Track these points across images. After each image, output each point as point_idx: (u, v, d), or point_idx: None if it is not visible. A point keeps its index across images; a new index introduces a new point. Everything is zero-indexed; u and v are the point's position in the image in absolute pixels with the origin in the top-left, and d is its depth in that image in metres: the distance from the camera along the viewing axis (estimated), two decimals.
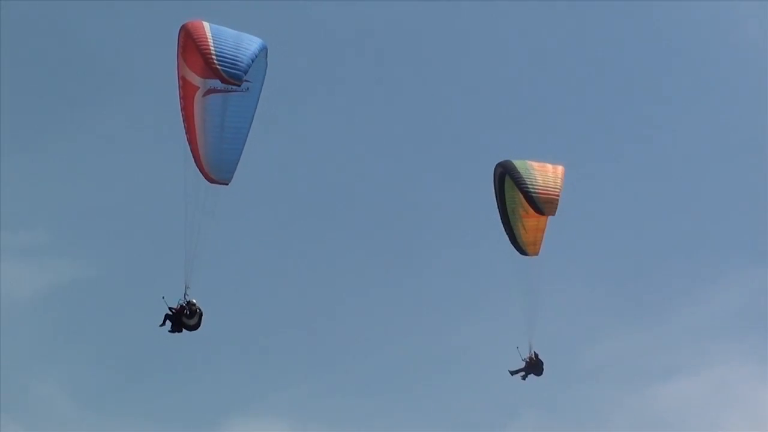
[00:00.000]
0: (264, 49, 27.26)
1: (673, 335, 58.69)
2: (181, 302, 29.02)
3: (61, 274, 54.13)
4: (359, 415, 52.10)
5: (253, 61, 26.63)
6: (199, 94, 27.18)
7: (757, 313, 56.96)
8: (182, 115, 27.48)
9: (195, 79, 27.15)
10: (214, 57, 26.27)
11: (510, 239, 35.11)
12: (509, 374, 35.14)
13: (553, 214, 33.64)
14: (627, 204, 66.87)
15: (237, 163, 27.78)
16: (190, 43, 26.87)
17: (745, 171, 65.47)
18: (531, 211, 33.88)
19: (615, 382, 57.00)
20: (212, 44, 26.51)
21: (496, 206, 35.25)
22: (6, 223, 54.12)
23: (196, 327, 29.19)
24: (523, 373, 35.04)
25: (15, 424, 46.09)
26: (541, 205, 33.29)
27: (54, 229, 56.82)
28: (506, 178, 34.44)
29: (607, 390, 56.51)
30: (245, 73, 26.43)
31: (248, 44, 26.90)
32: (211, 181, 27.81)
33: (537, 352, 34.83)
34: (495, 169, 34.91)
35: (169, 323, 29.08)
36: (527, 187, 33.43)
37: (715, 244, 64.42)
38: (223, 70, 26.18)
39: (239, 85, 26.50)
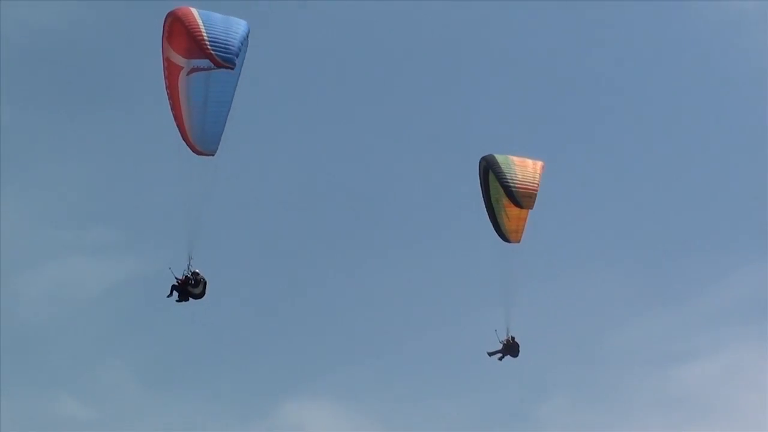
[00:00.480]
0: (248, 31, 28.95)
1: (693, 320, 61.89)
2: (185, 273, 30.55)
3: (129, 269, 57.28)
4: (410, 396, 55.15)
5: (242, 44, 28.40)
6: (183, 74, 29.03)
7: None
8: (168, 93, 29.32)
9: (179, 60, 29.04)
10: (207, 42, 27.92)
11: (494, 227, 36.90)
12: (487, 355, 36.89)
13: (531, 208, 35.50)
14: (650, 195, 70.23)
15: (221, 135, 29.54)
16: (177, 28, 28.70)
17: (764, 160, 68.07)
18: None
19: (637, 365, 60.12)
20: (203, 30, 28.16)
21: (482, 196, 37.16)
22: (78, 221, 56.41)
23: (201, 295, 30.67)
24: (500, 355, 36.79)
25: (88, 408, 50.36)
26: (520, 199, 35.30)
27: (125, 226, 59.40)
28: (489, 171, 36.29)
29: (629, 372, 59.63)
30: (237, 56, 28.15)
31: (236, 28, 28.59)
32: (198, 153, 29.61)
33: (514, 335, 36.57)
34: (480, 162, 36.81)
35: (175, 293, 30.61)
36: (507, 182, 35.45)
37: (733, 233, 67.54)
38: (216, 54, 27.82)
39: (232, 68, 28.17)
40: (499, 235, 36.89)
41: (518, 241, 36.48)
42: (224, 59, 27.94)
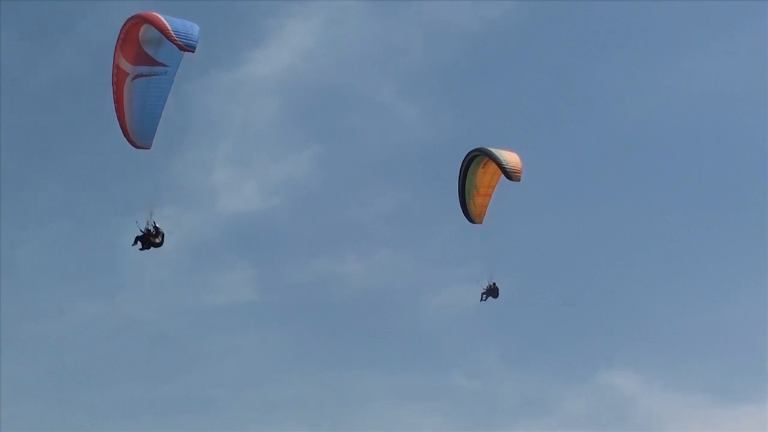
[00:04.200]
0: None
1: None
2: (148, 226, 36.45)
3: None
4: None
5: (198, 37, 32.96)
6: (128, 79, 34.21)
7: None
8: (113, 97, 34.62)
9: (127, 67, 34.17)
10: (171, 32, 32.68)
11: (462, 211, 45.20)
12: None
13: (519, 181, 42.38)
14: None
15: (155, 132, 34.75)
16: (132, 34, 33.70)
17: None
18: (481, 191, 44.29)
19: None
20: (167, 23, 32.86)
21: (457, 186, 44.83)
22: None
23: (160, 245, 36.58)
24: (484, 295, 46.37)
25: (473, 381, 70.35)
26: (512, 175, 42.21)
27: None
28: (476, 160, 43.50)
29: None
30: (196, 43, 32.87)
31: (192, 24, 33.27)
32: (136, 146, 34.92)
33: (495, 281, 46.15)
34: (469, 153, 43.65)
35: (139, 243, 36.50)
36: (500, 161, 42.40)
37: None
38: (180, 41, 32.55)
39: (193, 51, 32.76)
40: (465, 217, 45.15)
41: (481, 223, 45.20)
42: (186, 44, 32.73)
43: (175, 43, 32.65)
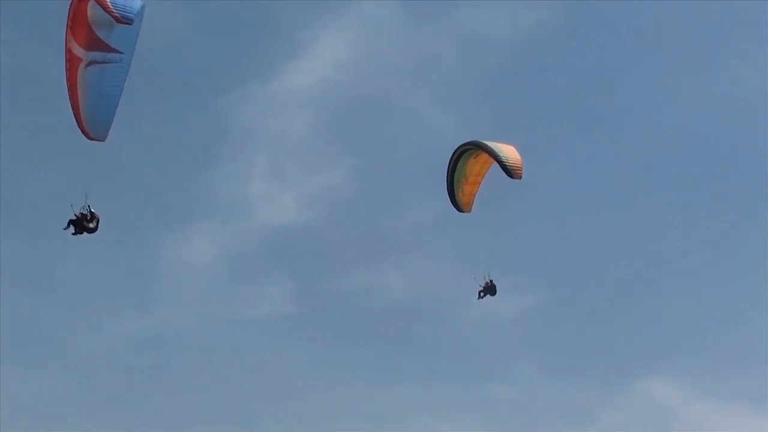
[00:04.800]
0: (143, 10, 31.53)
1: None
2: (82, 209, 34.57)
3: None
4: None
5: (140, 11, 31.21)
6: (82, 66, 31.90)
7: None
8: (67, 84, 32.35)
9: (80, 52, 31.85)
10: (110, 5, 30.75)
11: (451, 200, 44.17)
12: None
13: (520, 179, 40.62)
14: None
15: (111, 123, 32.52)
16: (80, 12, 31.50)
17: None
18: (470, 180, 43.01)
19: None
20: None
21: (446, 176, 43.66)
22: None
23: (94, 230, 34.85)
24: (481, 293, 44.87)
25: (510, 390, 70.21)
26: (513, 172, 40.49)
27: None
28: (468, 152, 42.24)
29: None
30: (135, 15, 31.03)
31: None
32: (90, 138, 32.67)
33: (492, 279, 44.87)
34: (461, 146, 42.49)
35: (72, 227, 34.70)
36: (500, 158, 40.71)
37: None
38: (118, 13, 30.68)
39: (130, 24, 30.92)
40: (454, 206, 44.16)
41: (470, 212, 44.19)
42: (123, 17, 30.79)
43: (111, 15, 30.73)
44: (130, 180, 74.47)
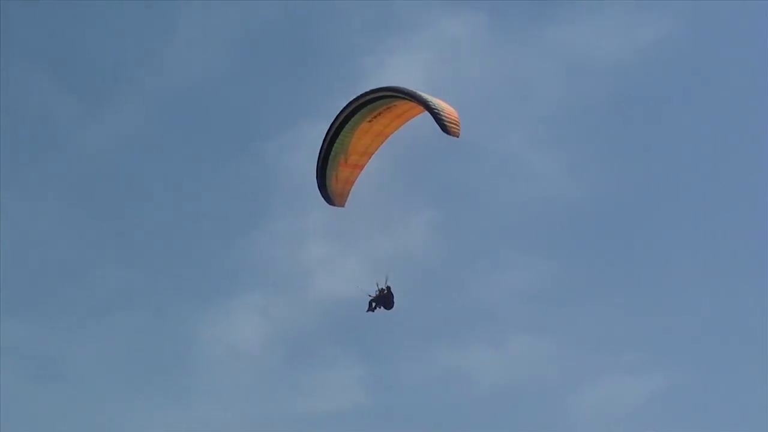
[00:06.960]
0: None
1: None
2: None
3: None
4: None
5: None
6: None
7: None
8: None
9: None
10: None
11: (318, 186, 34.39)
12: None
13: (458, 136, 31.52)
14: None
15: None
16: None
17: None
18: (351, 159, 33.64)
19: None
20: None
21: (319, 149, 33.87)
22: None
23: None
24: (373, 304, 35.35)
25: None
26: (449, 127, 31.40)
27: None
28: (366, 108, 32.69)
29: None
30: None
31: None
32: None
33: (390, 285, 35.44)
34: (358, 96, 32.52)
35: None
36: (430, 105, 31.51)
37: None
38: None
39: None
40: (322, 196, 34.43)
41: (343, 206, 34.63)
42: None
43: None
44: (158, 244, 67.29)
